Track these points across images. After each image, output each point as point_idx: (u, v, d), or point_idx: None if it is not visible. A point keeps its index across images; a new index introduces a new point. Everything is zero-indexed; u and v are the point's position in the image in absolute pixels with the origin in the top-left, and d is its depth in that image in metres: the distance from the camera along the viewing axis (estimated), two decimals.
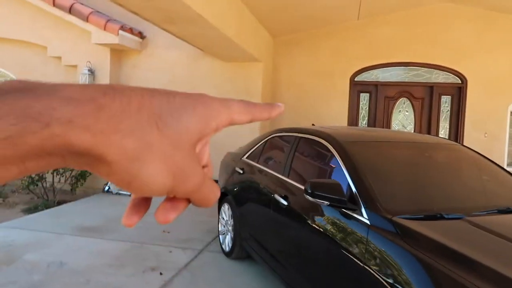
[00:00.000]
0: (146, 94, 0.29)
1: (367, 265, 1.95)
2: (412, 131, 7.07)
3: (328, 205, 2.25)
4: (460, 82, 6.81)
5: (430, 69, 6.91)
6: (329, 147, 2.70)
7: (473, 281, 1.54)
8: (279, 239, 2.95)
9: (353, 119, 7.26)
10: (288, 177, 3.02)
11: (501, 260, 1.72)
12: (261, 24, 6.45)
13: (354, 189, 2.28)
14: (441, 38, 6.79)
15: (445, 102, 6.96)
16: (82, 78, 6.83)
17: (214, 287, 3.39)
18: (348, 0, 5.89)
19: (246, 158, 3.96)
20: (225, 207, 4.15)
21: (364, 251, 2.00)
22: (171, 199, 0.33)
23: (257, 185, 3.45)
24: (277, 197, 2.96)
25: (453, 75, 6.84)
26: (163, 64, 7.07)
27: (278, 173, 3.17)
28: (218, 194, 0.35)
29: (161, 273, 3.62)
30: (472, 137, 6.70)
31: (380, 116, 7.17)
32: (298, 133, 3.23)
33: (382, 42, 7.00)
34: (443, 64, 6.80)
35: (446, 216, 2.06)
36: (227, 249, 4.03)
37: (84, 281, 3.39)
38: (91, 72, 6.91)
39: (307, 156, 3.04)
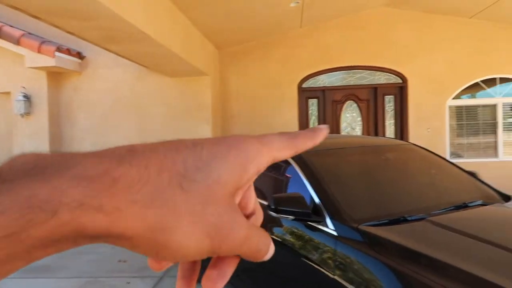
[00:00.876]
0: (169, 151, 0.26)
1: (337, 277, 1.91)
2: (361, 133, 7.29)
3: (294, 219, 2.20)
4: (401, 82, 7.13)
5: (373, 71, 7.18)
6: (288, 159, 2.65)
7: (443, 283, 1.54)
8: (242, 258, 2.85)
9: (303, 126, 7.35)
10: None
11: (467, 258, 1.74)
12: (206, 37, 6.37)
13: (317, 200, 2.24)
14: (381, 41, 7.09)
15: (389, 101, 7.25)
16: (17, 105, 6.35)
17: None
18: (290, 9, 5.98)
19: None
20: None
21: (333, 263, 1.96)
22: (216, 263, 0.30)
23: None
24: None
25: (394, 76, 7.15)
26: (107, 84, 6.76)
27: None
28: (269, 243, 0.31)
29: None
30: (416, 133, 7.02)
31: (329, 120, 7.32)
32: None
33: (326, 48, 7.18)
34: (384, 66, 7.10)
35: (409, 218, 2.08)
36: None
37: None
38: (27, 98, 6.44)
39: (268, 171, 2.98)
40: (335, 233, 2.04)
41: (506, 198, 2.60)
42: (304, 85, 7.31)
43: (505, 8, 6.27)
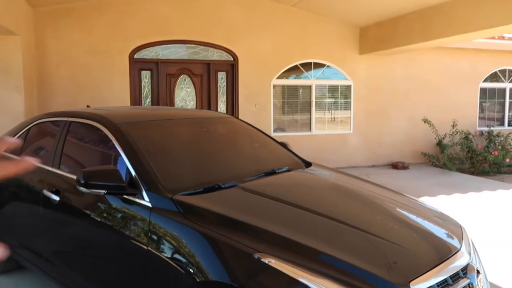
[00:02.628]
0: None
1: (151, 248, 1.87)
2: (194, 107, 7.38)
3: (106, 193, 2.05)
4: (232, 59, 7.44)
5: (207, 47, 7.29)
6: (104, 131, 2.45)
7: (253, 246, 1.65)
8: (54, 240, 2.56)
9: (136, 99, 7.02)
10: (59, 168, 2.62)
11: (271, 219, 1.92)
12: None
13: (133, 173, 2.14)
14: (215, 18, 7.21)
15: (221, 78, 7.51)
16: None
17: None
18: None
19: (4, 151, 3.25)
20: None
21: (147, 235, 1.92)
22: None
23: (20, 183, 2.88)
24: (46, 192, 2.53)
25: (226, 53, 7.41)
26: None
27: (47, 165, 2.72)
28: None
29: None
30: (245, 109, 7.50)
31: (163, 94, 7.17)
32: (68, 117, 2.82)
33: (160, 18, 6.92)
34: (217, 43, 7.27)
35: (222, 186, 2.18)
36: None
37: None
38: None
39: (80, 143, 2.70)
40: (149, 205, 1.98)
41: (307, 164, 2.98)
42: (136, 56, 6.93)
43: (320, 1, 7.12)
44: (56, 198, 2.45)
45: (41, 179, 2.67)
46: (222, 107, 7.59)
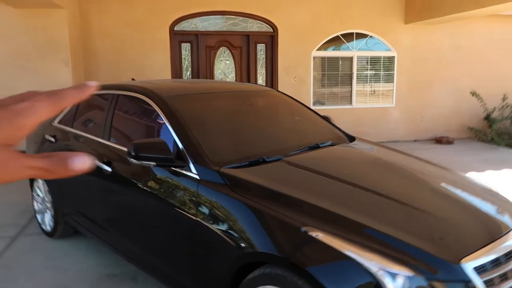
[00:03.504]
0: None
1: (200, 219, 1.94)
2: (234, 80, 7.38)
3: (156, 165, 2.12)
4: (272, 31, 7.32)
5: (246, 18, 7.19)
6: (151, 104, 2.51)
7: (298, 218, 1.68)
8: (107, 208, 2.70)
9: (177, 71, 7.11)
10: (109, 140, 2.73)
11: (316, 193, 1.93)
12: None
13: (180, 146, 2.19)
14: None
15: (261, 50, 7.42)
16: None
17: (38, 275, 2.95)
18: None
19: (58, 123, 3.42)
20: (39, 183, 3.58)
21: (195, 206, 1.98)
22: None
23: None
24: (99, 163, 2.66)
25: (266, 24, 7.28)
26: None
27: (98, 137, 2.84)
28: (66, 158, 0.37)
29: None
30: (284, 82, 7.41)
31: (203, 67, 7.21)
32: (116, 90, 2.91)
33: None
34: (257, 13, 7.15)
35: (267, 160, 2.19)
36: (48, 228, 3.54)
37: None
38: None
39: (128, 115, 2.78)
40: (197, 177, 2.04)
41: (351, 138, 2.93)
42: (176, 28, 6.96)
43: None
44: (108, 168, 2.56)
45: (93, 150, 2.80)
46: (261, 79, 7.54)
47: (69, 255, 3.26)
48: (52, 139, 3.34)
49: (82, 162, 0.36)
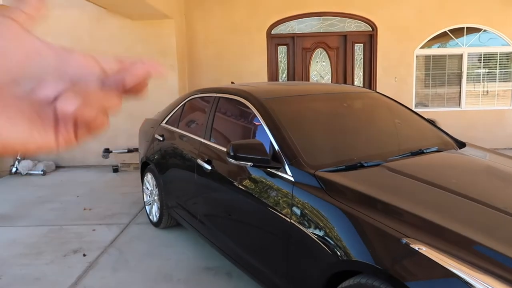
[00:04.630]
0: None
1: (294, 221, 1.94)
2: (330, 81, 7.26)
3: (252, 165, 2.18)
4: (371, 29, 7.03)
5: (343, 18, 7.02)
6: (249, 106, 2.59)
7: (397, 227, 1.58)
8: (206, 204, 2.86)
9: (273, 74, 7.24)
10: (210, 140, 2.89)
11: (419, 203, 1.79)
12: None
13: (276, 147, 2.22)
14: None
15: (358, 50, 7.18)
16: None
17: (144, 261, 3.25)
18: None
19: (165, 123, 3.73)
20: (148, 177, 3.94)
21: (290, 208, 1.99)
22: None
23: (179, 152, 3.28)
24: (200, 162, 2.83)
25: (364, 23, 7.03)
26: (61, 27, 6.30)
27: (200, 136, 3.02)
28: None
29: (84, 255, 3.38)
30: (384, 82, 7.07)
31: (299, 68, 7.22)
32: (216, 93, 3.07)
33: None
34: (354, 13, 6.94)
35: (365, 164, 2.11)
36: (154, 219, 3.88)
37: None
38: None
39: (227, 117, 2.91)
40: (292, 179, 2.04)
41: (461, 144, 2.67)
42: (273, 32, 7.09)
43: None
44: (208, 167, 2.71)
45: (196, 149, 2.98)
46: (358, 81, 7.30)
47: (171, 245, 3.53)
48: (160, 138, 3.65)
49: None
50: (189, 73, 7.13)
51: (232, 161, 2.21)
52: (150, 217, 3.98)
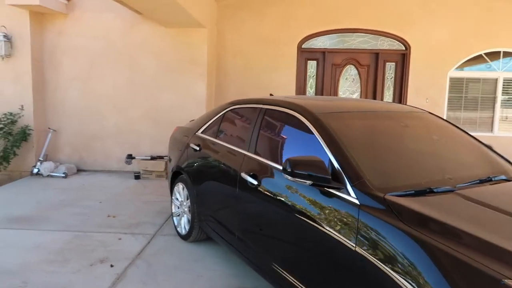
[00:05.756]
0: None
1: (360, 250, 1.77)
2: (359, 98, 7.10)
3: (311, 184, 2.03)
4: (404, 49, 6.90)
5: (376, 36, 6.91)
6: (302, 120, 2.45)
7: (490, 266, 1.41)
8: (247, 221, 2.70)
9: (301, 88, 7.12)
10: (255, 153, 2.75)
11: (501, 234, 1.62)
12: None
13: (336, 165, 2.07)
14: (386, 4, 6.77)
15: (390, 68, 7.04)
16: None
17: (174, 276, 3.09)
18: None
19: (202, 133, 3.60)
20: (180, 187, 3.80)
21: (354, 234, 1.82)
22: None
23: (218, 163, 3.14)
24: (244, 175, 2.68)
25: (397, 42, 6.90)
26: (95, 30, 6.30)
27: (243, 149, 2.88)
28: None
29: (111, 265, 3.24)
30: (415, 103, 6.89)
31: (327, 84, 7.10)
32: (263, 104, 2.94)
33: (328, 7, 6.83)
34: (388, 31, 6.83)
35: (435, 190, 1.94)
36: (183, 231, 3.73)
37: (20, 284, 2.91)
38: (8, 39, 5.96)
39: (276, 131, 2.77)
40: (357, 202, 1.88)
41: None
42: (304, 46, 6.99)
43: None
44: (254, 181, 2.56)
45: (238, 162, 2.84)
46: (388, 100, 7.14)
47: (200, 260, 3.37)
48: (196, 148, 3.52)
49: None
50: (217, 83, 7.05)
51: (289, 177, 2.06)
52: (178, 229, 3.83)
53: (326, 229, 1.97)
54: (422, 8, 6.75)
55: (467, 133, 2.85)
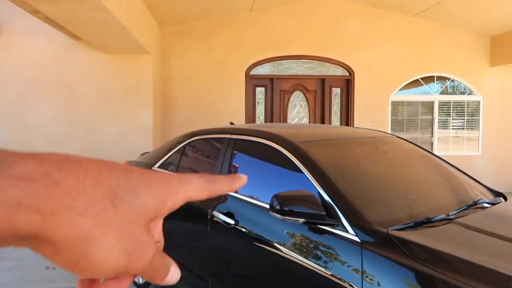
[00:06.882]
0: (104, 168, 0.28)
1: None
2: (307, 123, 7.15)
3: (304, 222, 1.82)
4: (348, 74, 7.11)
5: (321, 62, 7.06)
6: (281, 150, 2.26)
7: None
8: (222, 265, 2.41)
9: (250, 114, 7.01)
10: None
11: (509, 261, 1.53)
12: (149, 11, 5.66)
13: (328, 199, 1.89)
14: (331, 32, 6.98)
15: (336, 94, 7.20)
16: None
17: None
18: None
19: (159, 168, 3.27)
20: None
21: (360, 277, 1.63)
22: (115, 277, 0.29)
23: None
24: (218, 214, 2.41)
25: (342, 68, 7.10)
26: (25, 56, 5.71)
27: None
28: (169, 267, 0.32)
29: None
30: (360, 126, 7.07)
31: (277, 110, 7.07)
32: (230, 134, 2.72)
33: (275, 34, 6.88)
34: (333, 57, 7.01)
35: (433, 220, 1.83)
36: (140, 281, 3.30)
37: None
38: None
39: (249, 163, 2.55)
40: (357, 239, 1.71)
41: (498, 194, 2.50)
42: (252, 72, 6.93)
43: (447, 9, 6.52)
44: (230, 221, 2.30)
45: (207, 199, 2.56)
46: (335, 124, 7.26)
47: None
48: None
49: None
50: (163, 113, 6.70)
51: (277, 216, 1.85)
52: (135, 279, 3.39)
53: (325, 273, 1.77)
54: (364, 37, 7.04)
55: (437, 156, 2.85)
